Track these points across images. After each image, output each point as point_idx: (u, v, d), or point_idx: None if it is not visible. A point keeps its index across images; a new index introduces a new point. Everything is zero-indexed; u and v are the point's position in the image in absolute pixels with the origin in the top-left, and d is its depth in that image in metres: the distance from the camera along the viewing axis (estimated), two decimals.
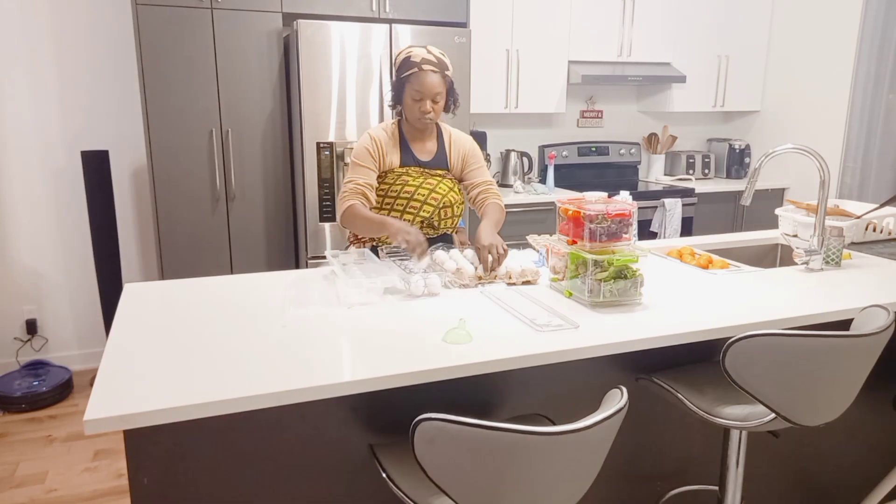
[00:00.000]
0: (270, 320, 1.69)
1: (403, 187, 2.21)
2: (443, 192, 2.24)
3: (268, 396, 1.29)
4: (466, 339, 1.54)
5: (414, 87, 2.12)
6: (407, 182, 2.22)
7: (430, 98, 2.13)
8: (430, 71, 2.11)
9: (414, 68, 2.11)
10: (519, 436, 1.08)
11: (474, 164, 2.32)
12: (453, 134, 2.33)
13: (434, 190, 2.23)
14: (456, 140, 2.32)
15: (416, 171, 2.24)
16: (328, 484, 1.59)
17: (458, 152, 2.30)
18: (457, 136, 2.33)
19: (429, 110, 2.14)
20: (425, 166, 2.26)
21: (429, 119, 2.16)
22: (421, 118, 2.16)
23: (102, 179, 3.41)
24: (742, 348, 1.45)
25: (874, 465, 2.40)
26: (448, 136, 2.32)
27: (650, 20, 4.37)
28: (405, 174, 2.23)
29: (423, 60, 2.12)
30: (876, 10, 3.98)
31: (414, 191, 2.21)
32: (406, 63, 2.14)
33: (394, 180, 2.23)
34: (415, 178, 2.23)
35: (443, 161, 2.29)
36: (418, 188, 2.21)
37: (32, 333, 3.74)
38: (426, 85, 2.11)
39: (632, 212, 1.79)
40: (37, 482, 2.72)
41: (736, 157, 4.88)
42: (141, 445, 1.40)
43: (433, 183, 2.24)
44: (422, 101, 2.13)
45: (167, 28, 3.20)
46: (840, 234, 2.24)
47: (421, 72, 2.11)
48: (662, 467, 2.03)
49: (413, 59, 2.12)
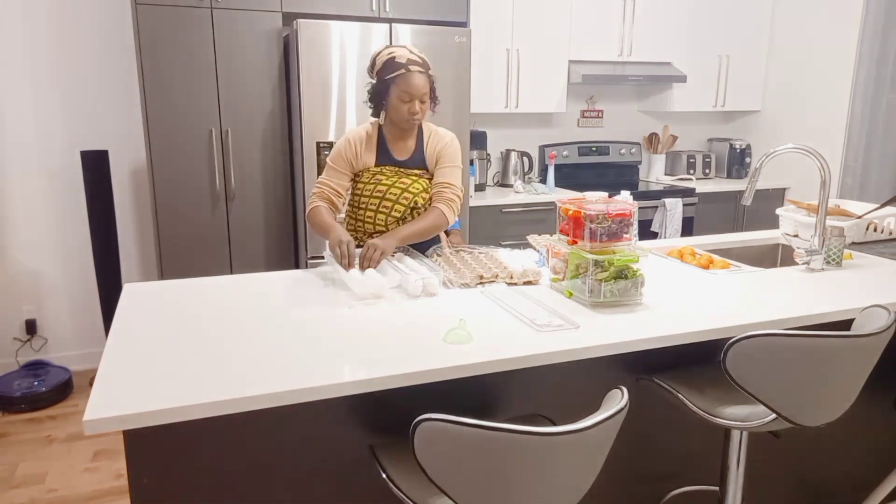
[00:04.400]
0: (270, 320, 1.68)
1: (376, 186, 2.20)
2: (415, 191, 2.21)
3: (267, 397, 1.28)
4: (466, 339, 1.54)
5: (402, 88, 2.09)
6: (380, 181, 2.21)
7: (419, 98, 2.11)
8: (416, 72, 2.09)
9: (401, 69, 2.08)
10: (519, 436, 1.07)
11: (444, 163, 2.25)
12: (434, 132, 2.28)
13: (407, 189, 2.20)
14: (435, 137, 2.27)
15: (391, 170, 2.23)
16: (328, 484, 1.58)
17: (433, 150, 2.25)
18: (437, 134, 2.28)
19: (417, 111, 2.12)
20: (401, 166, 2.24)
21: (417, 119, 2.15)
22: (409, 119, 2.14)
23: (102, 179, 3.41)
24: (743, 348, 1.45)
25: (875, 466, 2.40)
26: (428, 134, 2.27)
27: (651, 20, 4.37)
28: (379, 173, 2.22)
29: (409, 61, 2.09)
30: (876, 11, 3.98)
31: (386, 190, 2.20)
32: (391, 64, 2.10)
33: (368, 179, 2.22)
34: (388, 178, 2.21)
35: (420, 160, 2.25)
36: (390, 187, 2.20)
37: (32, 333, 3.73)
38: (414, 86, 2.08)
39: (632, 212, 1.79)
40: (37, 482, 2.72)
41: (737, 156, 4.87)
42: (141, 446, 1.40)
43: (406, 182, 2.21)
44: (411, 103, 2.11)
45: (167, 28, 3.20)
46: (841, 234, 2.24)
47: (408, 73, 2.08)
48: (663, 468, 2.03)
49: (398, 59, 2.09)
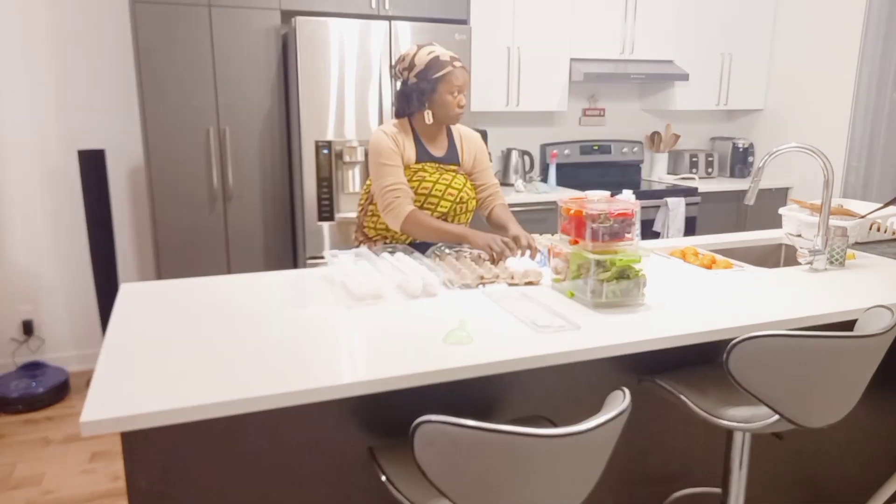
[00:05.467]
0: (268, 321, 1.67)
1: (421, 183, 2.24)
2: (458, 187, 2.29)
3: (266, 398, 1.27)
4: (467, 340, 1.52)
5: (453, 83, 2.19)
6: (424, 178, 2.25)
7: (464, 92, 2.23)
8: (460, 67, 2.21)
9: (448, 66, 2.18)
10: (520, 438, 1.06)
11: (483, 164, 2.40)
12: (462, 131, 2.39)
13: (450, 185, 2.27)
14: (466, 137, 2.38)
15: (432, 166, 2.28)
16: (327, 486, 1.57)
17: (470, 150, 2.37)
18: (466, 134, 2.39)
19: (464, 103, 2.24)
20: (440, 162, 2.30)
21: (463, 112, 2.25)
22: (460, 112, 2.24)
23: (99, 179, 3.40)
24: (745, 349, 1.43)
25: (879, 467, 2.39)
26: (458, 132, 2.38)
27: (653, 17, 4.35)
28: (421, 170, 2.26)
29: (452, 58, 2.20)
30: (879, 8, 3.96)
31: (431, 186, 2.24)
32: (437, 63, 2.18)
33: (410, 176, 2.25)
34: (431, 174, 2.26)
35: (454, 157, 2.34)
36: (435, 184, 2.25)
37: (29, 334, 3.72)
38: (462, 79, 2.20)
39: (634, 211, 1.78)
40: (33, 484, 2.71)
41: (739, 156, 4.86)
42: (138, 447, 1.39)
43: (449, 178, 2.28)
44: (459, 97, 2.22)
45: (164, 26, 3.18)
46: (844, 234, 2.23)
47: (455, 69, 2.19)
48: (665, 469, 2.02)
49: (443, 57, 2.19)
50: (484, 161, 2.40)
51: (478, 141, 2.40)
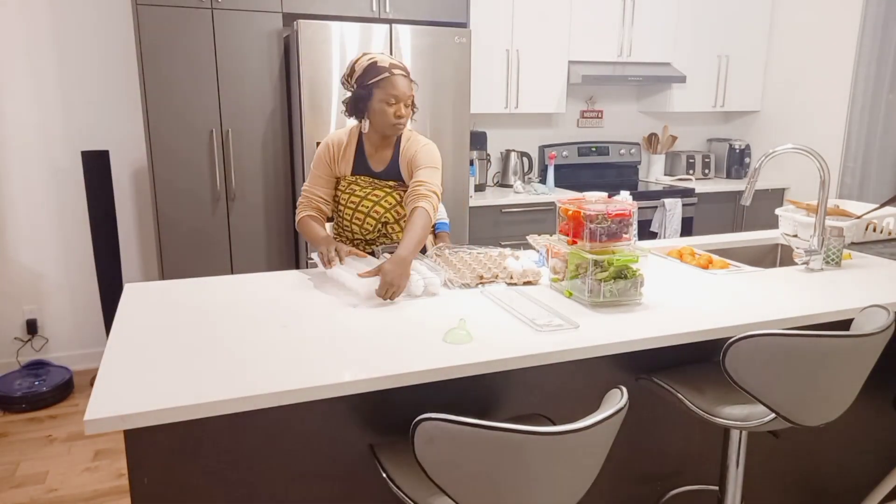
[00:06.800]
0: (271, 320, 1.69)
1: (350, 197, 2.20)
2: (386, 206, 2.19)
3: (268, 396, 1.29)
4: (466, 339, 1.54)
5: (388, 91, 2.05)
6: (354, 192, 2.20)
7: (404, 102, 2.08)
8: (400, 75, 2.06)
9: (384, 73, 2.05)
10: (519, 436, 1.08)
11: (419, 164, 2.15)
12: (411, 139, 2.20)
13: (378, 203, 2.19)
14: (407, 146, 2.19)
15: (365, 180, 2.20)
16: (328, 484, 1.59)
17: (405, 158, 2.19)
18: (412, 141, 2.20)
19: (403, 114, 2.09)
20: (376, 177, 2.20)
21: (402, 124, 2.11)
22: (395, 123, 2.09)
23: (103, 179, 3.41)
24: (742, 348, 1.45)
25: (874, 466, 2.40)
26: (404, 143, 2.20)
27: (650, 20, 4.37)
28: (354, 183, 2.20)
29: (392, 65, 2.06)
30: (876, 10, 3.98)
31: (358, 202, 2.19)
32: (374, 68, 2.06)
33: (344, 188, 2.22)
34: (362, 189, 2.19)
35: (395, 171, 2.20)
36: (363, 200, 2.19)
37: (33, 333, 3.74)
38: (400, 89, 2.05)
39: (632, 212, 1.79)
40: (37, 482, 2.72)
41: (736, 157, 4.88)
42: (141, 445, 1.40)
43: (379, 195, 2.19)
44: (396, 106, 2.07)
45: (167, 28, 3.20)
46: (840, 235, 2.24)
47: (393, 76, 2.05)
48: (662, 467, 2.03)
49: (381, 63, 2.06)
50: (418, 162, 2.14)
51: (419, 144, 2.18)
